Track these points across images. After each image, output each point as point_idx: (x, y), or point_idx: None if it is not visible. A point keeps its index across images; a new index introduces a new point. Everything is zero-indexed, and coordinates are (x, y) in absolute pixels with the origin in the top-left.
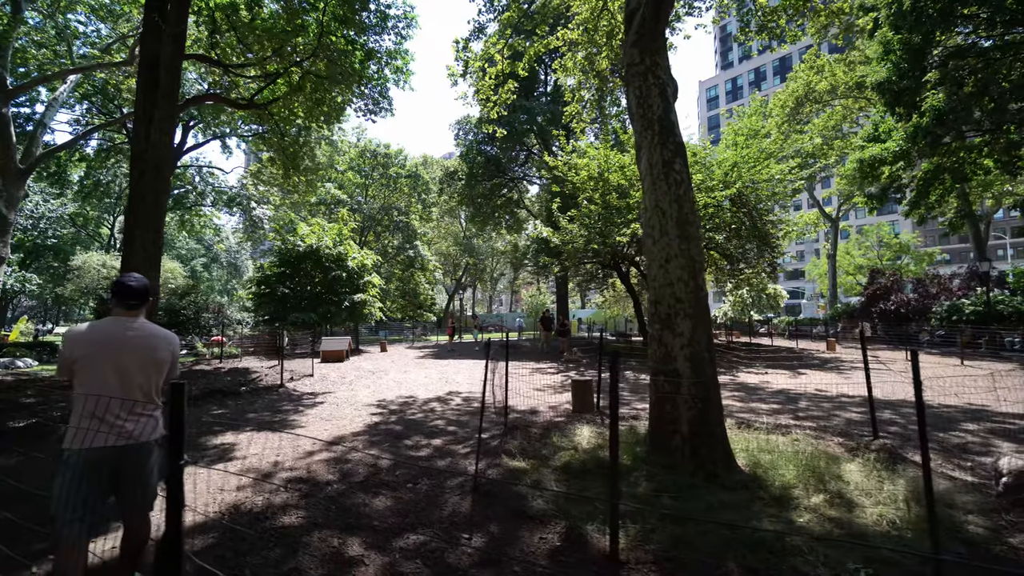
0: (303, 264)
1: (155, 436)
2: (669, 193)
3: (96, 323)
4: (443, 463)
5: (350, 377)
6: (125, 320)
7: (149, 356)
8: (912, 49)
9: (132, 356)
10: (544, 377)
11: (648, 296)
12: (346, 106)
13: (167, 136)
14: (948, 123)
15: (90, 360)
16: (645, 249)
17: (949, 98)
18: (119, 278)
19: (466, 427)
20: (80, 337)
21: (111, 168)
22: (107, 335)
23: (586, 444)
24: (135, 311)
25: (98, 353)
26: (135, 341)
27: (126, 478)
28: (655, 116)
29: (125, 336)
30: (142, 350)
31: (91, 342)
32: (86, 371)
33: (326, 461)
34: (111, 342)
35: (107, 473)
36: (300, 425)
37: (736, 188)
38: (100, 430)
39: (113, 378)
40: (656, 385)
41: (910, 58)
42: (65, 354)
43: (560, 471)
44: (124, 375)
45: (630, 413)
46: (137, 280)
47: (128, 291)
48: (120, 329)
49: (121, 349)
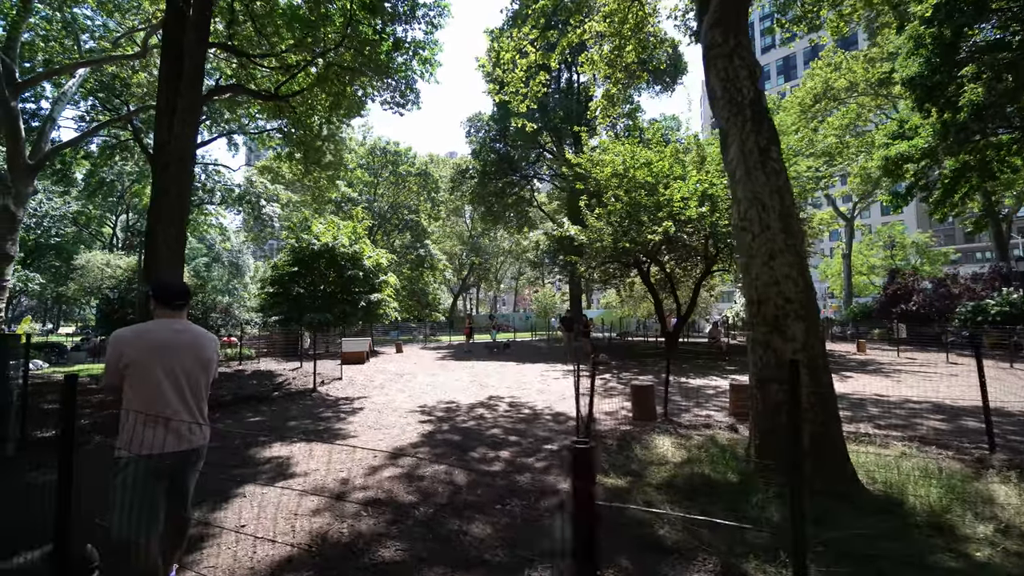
0: (317, 263)
1: (208, 437)
2: (768, 184)
3: (144, 325)
4: (523, 479)
5: (378, 380)
6: (171, 322)
7: (199, 357)
8: (944, 44)
9: (184, 358)
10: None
11: (746, 295)
12: (368, 99)
13: (190, 127)
14: (986, 118)
15: (143, 363)
16: (741, 245)
17: (988, 92)
18: (158, 279)
19: (527, 436)
20: (131, 340)
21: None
22: (158, 337)
23: (674, 457)
24: (180, 312)
25: (152, 356)
26: (185, 342)
27: (180, 481)
28: (746, 100)
29: (176, 338)
30: (193, 351)
31: (143, 345)
32: (140, 375)
33: (397, 478)
34: (163, 344)
35: (168, 478)
36: (350, 434)
37: None
38: (164, 435)
39: (169, 381)
40: (766, 394)
41: (942, 53)
42: (115, 358)
43: (664, 490)
44: (179, 377)
45: (699, 421)
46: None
47: (172, 292)
48: (169, 331)
49: (174, 351)
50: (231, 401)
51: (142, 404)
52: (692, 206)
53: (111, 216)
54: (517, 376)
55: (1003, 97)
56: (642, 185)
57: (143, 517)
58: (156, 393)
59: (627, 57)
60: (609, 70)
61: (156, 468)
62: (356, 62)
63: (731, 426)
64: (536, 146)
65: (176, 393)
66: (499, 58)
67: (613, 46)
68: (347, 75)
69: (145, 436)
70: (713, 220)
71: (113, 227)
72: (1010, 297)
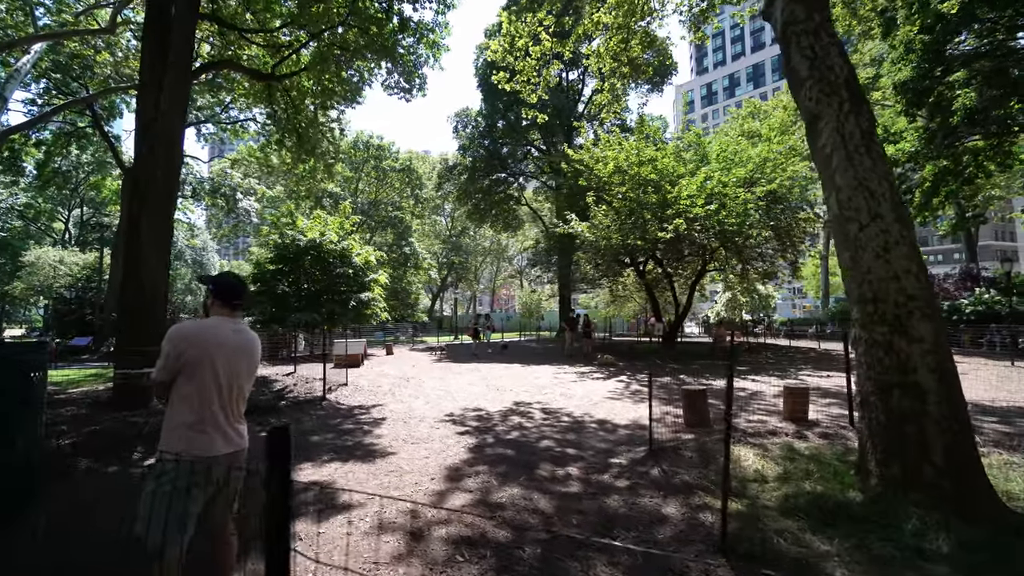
0: (302, 260)
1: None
2: (876, 169)
3: (206, 322)
4: (613, 502)
5: (384, 385)
6: (231, 321)
7: (250, 361)
8: (932, 49)
9: (238, 358)
10: (595, 383)
11: (854, 293)
12: (366, 85)
13: (179, 104)
14: (978, 122)
15: (200, 361)
16: (846, 238)
17: (981, 97)
18: (220, 276)
19: (583, 448)
20: (191, 336)
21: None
22: (219, 336)
23: (767, 471)
24: (237, 311)
25: (209, 354)
26: (240, 344)
27: (228, 487)
28: (840, 80)
29: (233, 338)
30: (246, 353)
31: (203, 342)
32: (194, 372)
33: (472, 505)
34: (221, 343)
35: (215, 483)
36: (387, 450)
37: (775, 185)
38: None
39: (221, 380)
40: (888, 402)
41: (931, 58)
42: (175, 353)
43: (793, 515)
44: (230, 377)
45: (754, 427)
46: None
47: (233, 290)
48: (229, 331)
49: (230, 352)
50: None
51: (193, 402)
52: (699, 204)
53: (63, 210)
54: (530, 379)
55: (991, 102)
56: (648, 182)
57: (175, 527)
58: (207, 392)
59: (632, 51)
60: (614, 64)
61: (205, 472)
62: (360, 41)
63: (798, 433)
64: (525, 143)
65: (227, 393)
66: (513, 43)
67: (619, 39)
68: (348, 56)
69: (193, 437)
70: (720, 219)
71: (65, 222)
72: (983, 297)
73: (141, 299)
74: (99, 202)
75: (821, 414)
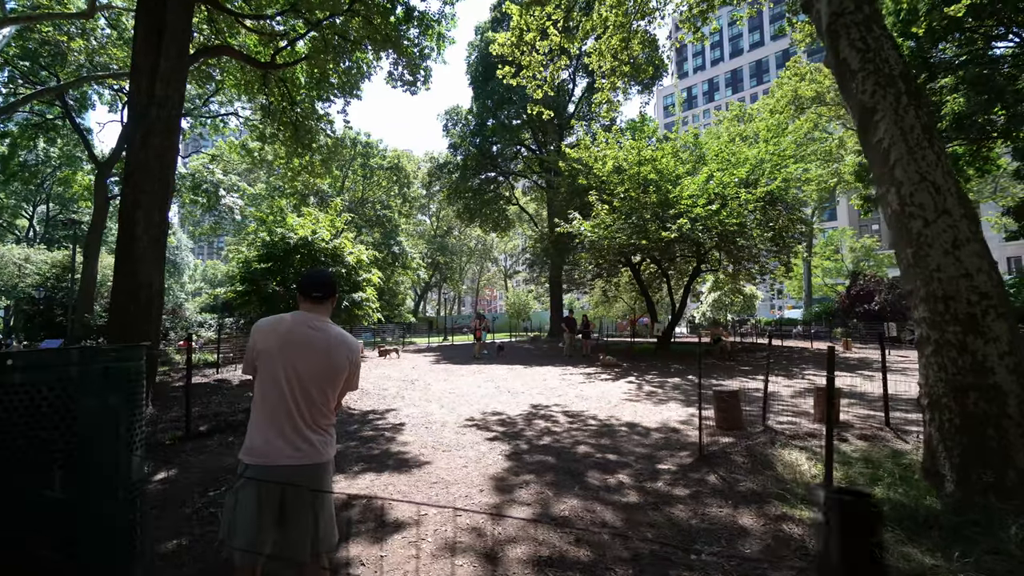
0: (292, 258)
1: (328, 456)
2: (939, 164)
3: (281, 316)
4: (680, 513)
5: (391, 389)
6: (310, 316)
7: (326, 360)
8: (919, 56)
9: (309, 357)
10: (604, 384)
11: (919, 291)
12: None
13: (177, 91)
14: (964, 127)
15: (270, 356)
16: (905, 234)
17: (969, 103)
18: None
19: (623, 453)
20: (265, 329)
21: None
22: (290, 330)
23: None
24: (321, 305)
25: (279, 349)
26: (314, 341)
27: (296, 507)
28: (895, 72)
29: (307, 334)
30: (319, 352)
31: (274, 336)
32: (265, 369)
33: (539, 522)
34: (291, 339)
35: (277, 497)
36: (420, 459)
37: (775, 185)
38: (277, 443)
39: (287, 381)
40: (962, 405)
41: (919, 65)
42: (250, 347)
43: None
44: (298, 379)
45: (794, 430)
46: (323, 270)
47: (310, 280)
48: (303, 325)
49: (300, 348)
50: (237, 423)
51: (259, 403)
52: (701, 204)
53: (27, 206)
54: (538, 381)
55: (979, 108)
56: (649, 181)
57: (243, 533)
58: (273, 392)
59: (634, 50)
60: (615, 63)
61: (266, 484)
62: (362, 31)
63: (837, 435)
64: (516, 142)
65: (293, 395)
66: (521, 37)
67: (620, 38)
68: (350, 46)
69: (256, 440)
70: (721, 218)
71: (30, 219)
72: None
73: (136, 298)
74: (67, 198)
75: (848, 415)
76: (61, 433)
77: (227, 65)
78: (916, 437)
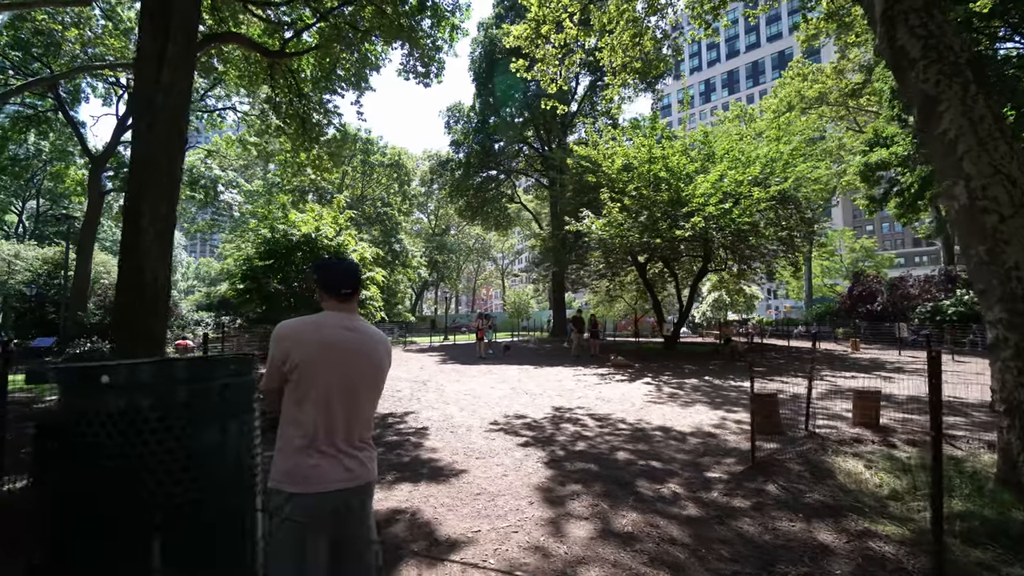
0: (294, 256)
1: (376, 473)
2: (1014, 156)
3: (313, 318)
4: (748, 527)
5: (404, 390)
6: (342, 316)
7: (370, 365)
8: None
9: (354, 364)
10: (622, 385)
11: (995, 290)
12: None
13: (185, 78)
14: None
15: (311, 367)
16: (981, 230)
17: None
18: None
19: (665, 460)
20: (298, 335)
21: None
22: (325, 335)
23: (896, 486)
24: (349, 302)
25: (322, 358)
26: (355, 343)
27: (350, 532)
28: (962, 60)
29: (344, 336)
30: (364, 356)
31: (314, 343)
32: (306, 381)
33: (600, 538)
34: (329, 344)
35: (331, 526)
36: (454, 467)
37: (787, 184)
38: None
39: (331, 391)
40: None
41: None
42: (279, 356)
43: (970, 542)
44: (347, 390)
45: (839, 435)
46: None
47: (337, 276)
48: (337, 327)
49: (341, 354)
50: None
51: (300, 420)
52: (713, 202)
53: (16, 201)
54: (552, 382)
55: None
56: (659, 180)
57: None
58: (317, 407)
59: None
60: (626, 59)
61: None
62: (374, 21)
63: (885, 441)
64: (519, 139)
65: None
66: (538, 29)
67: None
68: (360, 36)
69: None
70: (733, 217)
71: (19, 214)
72: (963, 298)
73: (142, 293)
74: (59, 193)
75: (884, 419)
76: (168, 488)
77: (231, 56)
78: (967, 443)
